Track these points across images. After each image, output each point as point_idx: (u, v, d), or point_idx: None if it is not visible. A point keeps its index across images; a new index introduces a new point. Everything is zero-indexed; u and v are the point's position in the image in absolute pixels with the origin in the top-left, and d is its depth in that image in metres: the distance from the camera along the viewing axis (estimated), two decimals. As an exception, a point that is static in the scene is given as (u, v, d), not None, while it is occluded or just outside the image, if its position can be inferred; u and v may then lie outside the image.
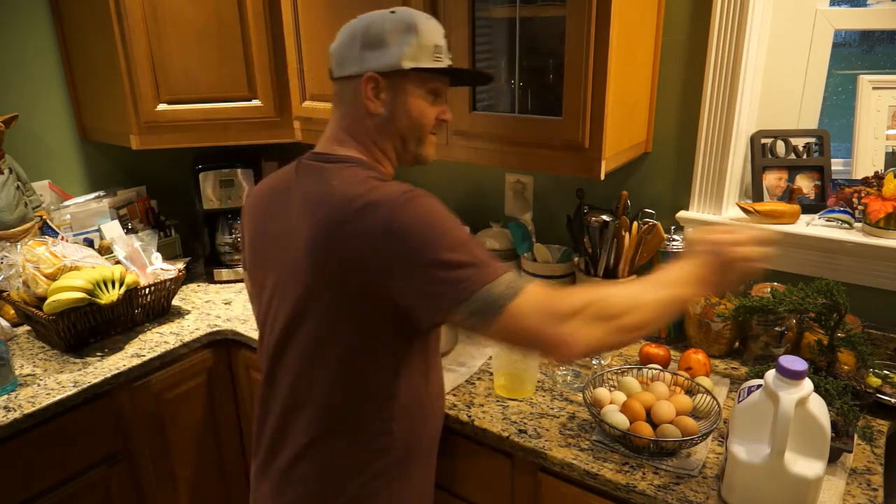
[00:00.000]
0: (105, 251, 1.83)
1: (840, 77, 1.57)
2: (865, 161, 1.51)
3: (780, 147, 1.56)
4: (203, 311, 1.85)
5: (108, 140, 1.97)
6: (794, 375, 0.94)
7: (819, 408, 0.98)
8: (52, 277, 1.55)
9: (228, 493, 1.89)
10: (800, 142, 1.56)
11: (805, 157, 1.55)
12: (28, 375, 1.49)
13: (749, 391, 1.03)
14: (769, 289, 1.31)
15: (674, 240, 1.54)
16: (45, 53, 1.93)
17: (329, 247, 0.94)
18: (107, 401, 1.51)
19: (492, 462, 1.28)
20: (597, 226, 1.51)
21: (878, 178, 1.42)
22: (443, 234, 0.91)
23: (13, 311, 1.70)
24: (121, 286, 1.59)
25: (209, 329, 1.73)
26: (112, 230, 1.91)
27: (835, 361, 1.26)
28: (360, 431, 1.02)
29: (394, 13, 1.02)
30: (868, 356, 1.21)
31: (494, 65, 1.46)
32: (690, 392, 1.28)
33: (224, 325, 1.75)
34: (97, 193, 2.04)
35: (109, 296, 1.55)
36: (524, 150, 1.40)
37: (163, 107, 1.79)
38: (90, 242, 1.90)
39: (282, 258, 1.03)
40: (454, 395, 1.36)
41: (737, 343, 1.51)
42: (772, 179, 1.57)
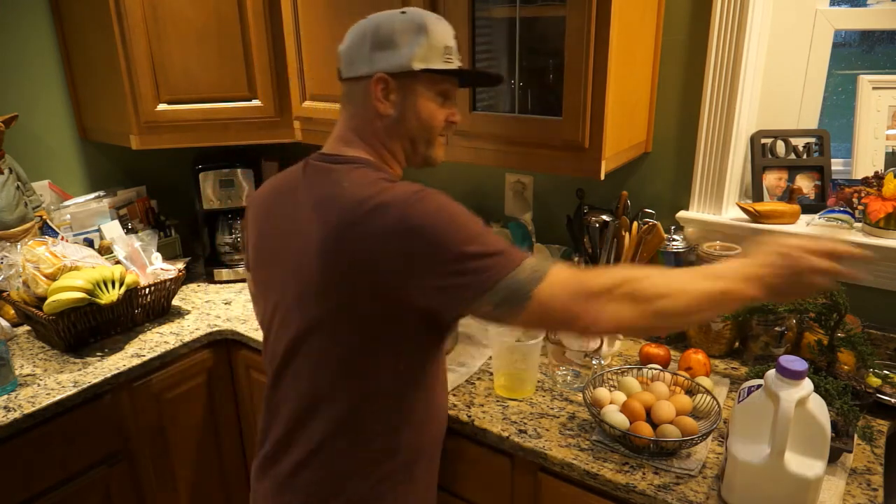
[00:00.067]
0: (105, 251, 1.83)
1: (840, 77, 1.57)
2: (865, 161, 1.51)
3: (780, 147, 1.56)
4: (203, 311, 1.85)
5: (108, 140, 1.97)
6: (794, 375, 0.94)
7: (819, 408, 0.98)
8: (52, 277, 1.55)
9: (228, 493, 1.89)
10: (800, 142, 1.56)
11: (805, 157, 1.55)
12: (28, 375, 1.49)
13: (749, 391, 1.03)
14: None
15: (674, 240, 1.54)
16: (45, 53, 1.93)
17: (340, 249, 0.93)
18: (107, 401, 1.51)
19: (492, 462, 1.28)
20: (597, 226, 1.51)
21: (878, 178, 1.42)
22: (460, 228, 0.90)
23: (13, 311, 1.70)
24: (121, 286, 1.59)
25: (209, 329, 1.73)
26: (112, 230, 1.91)
27: (835, 361, 1.26)
28: (369, 435, 1.01)
29: (404, 13, 1.01)
30: (868, 356, 1.21)
31: (494, 65, 1.46)
32: (690, 392, 1.28)
33: (224, 325, 1.75)
34: (97, 193, 2.04)
35: (109, 296, 1.55)
36: (524, 150, 1.40)
37: (163, 107, 1.79)
38: (90, 242, 1.90)
39: (289, 260, 1.02)
40: (454, 395, 1.36)
41: (737, 343, 1.51)
42: (772, 179, 1.57)
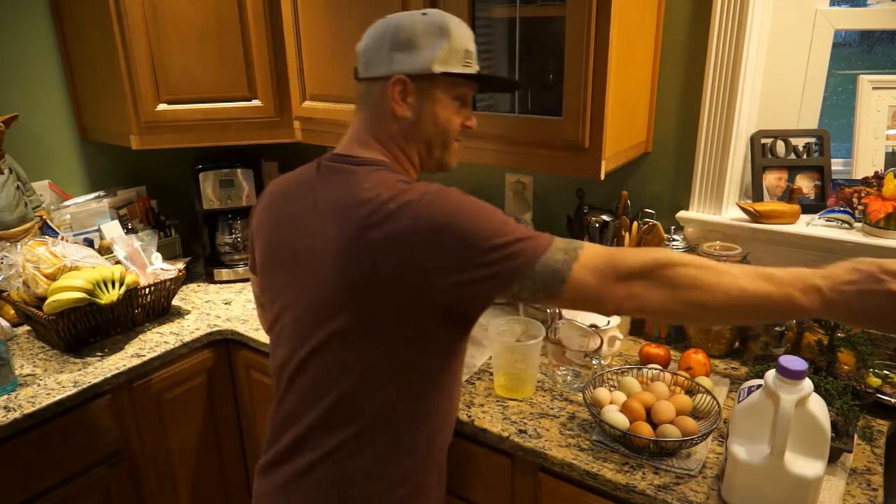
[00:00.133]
0: (105, 251, 1.83)
1: (840, 77, 1.57)
2: (865, 161, 1.51)
3: (780, 147, 1.56)
4: (203, 311, 1.85)
5: (108, 140, 1.97)
6: (794, 375, 0.94)
7: (819, 408, 0.98)
8: (52, 277, 1.55)
9: (228, 493, 1.89)
10: (800, 142, 1.56)
11: (805, 157, 1.56)
12: (28, 375, 1.49)
13: (749, 391, 1.03)
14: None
15: (674, 240, 1.54)
16: (45, 53, 1.93)
17: (362, 250, 0.91)
18: (107, 401, 1.50)
19: (492, 462, 1.28)
20: (597, 226, 1.52)
21: (878, 178, 1.42)
22: (485, 221, 0.89)
23: (13, 311, 1.70)
24: (121, 286, 1.59)
25: (209, 329, 1.73)
26: (112, 230, 1.91)
27: (835, 361, 1.26)
28: (386, 438, 0.99)
29: (425, 15, 1.00)
30: (868, 356, 1.21)
31: (494, 65, 1.46)
32: (690, 392, 1.28)
33: (224, 325, 1.75)
34: (97, 193, 2.04)
35: (109, 296, 1.55)
36: (524, 150, 1.40)
37: (163, 107, 1.79)
38: (90, 242, 1.90)
39: (304, 263, 0.99)
40: (454, 395, 1.36)
41: (737, 343, 1.51)
42: (772, 179, 1.57)
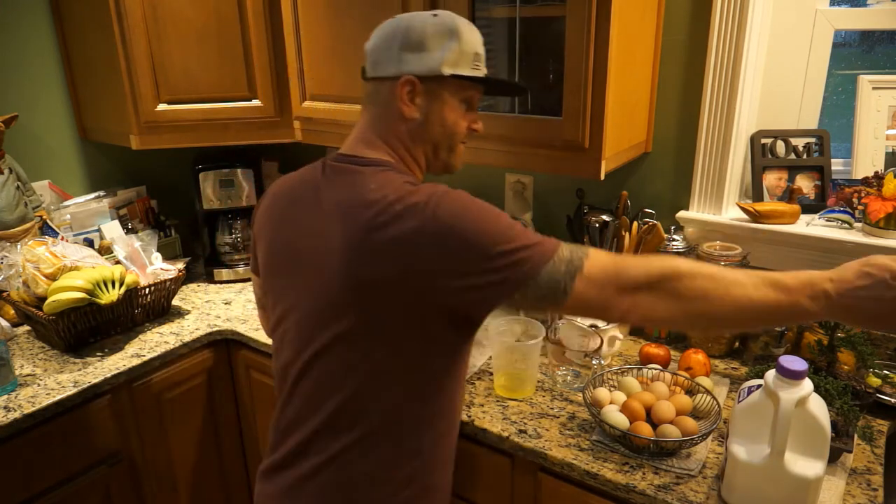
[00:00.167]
0: (105, 251, 1.83)
1: (840, 77, 1.57)
2: (865, 161, 1.51)
3: (780, 147, 1.56)
4: (203, 311, 1.85)
5: (108, 140, 1.97)
6: (794, 375, 0.94)
7: (819, 408, 0.98)
8: (52, 277, 1.55)
9: (228, 493, 1.89)
10: (800, 142, 1.56)
11: (805, 157, 1.56)
12: (28, 375, 1.49)
13: (749, 391, 1.03)
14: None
15: (674, 240, 1.54)
16: (45, 53, 1.93)
17: (368, 251, 0.90)
18: (107, 401, 1.50)
19: (492, 462, 1.28)
20: (597, 226, 1.52)
21: (878, 178, 1.42)
22: (492, 225, 0.89)
23: (13, 311, 1.70)
24: (121, 286, 1.59)
25: (209, 329, 1.73)
26: (112, 230, 1.91)
27: (835, 361, 1.26)
28: (392, 441, 0.98)
29: (436, 16, 1.00)
30: (868, 356, 1.21)
31: (494, 65, 1.46)
32: (690, 392, 1.28)
33: (224, 325, 1.75)
34: (97, 193, 2.04)
35: (109, 296, 1.55)
36: (524, 150, 1.40)
37: (163, 107, 1.79)
38: (90, 242, 1.90)
39: (308, 264, 0.99)
40: (454, 395, 1.36)
41: (737, 343, 1.51)
42: (772, 179, 1.57)
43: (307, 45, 1.71)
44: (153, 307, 1.77)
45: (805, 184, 1.56)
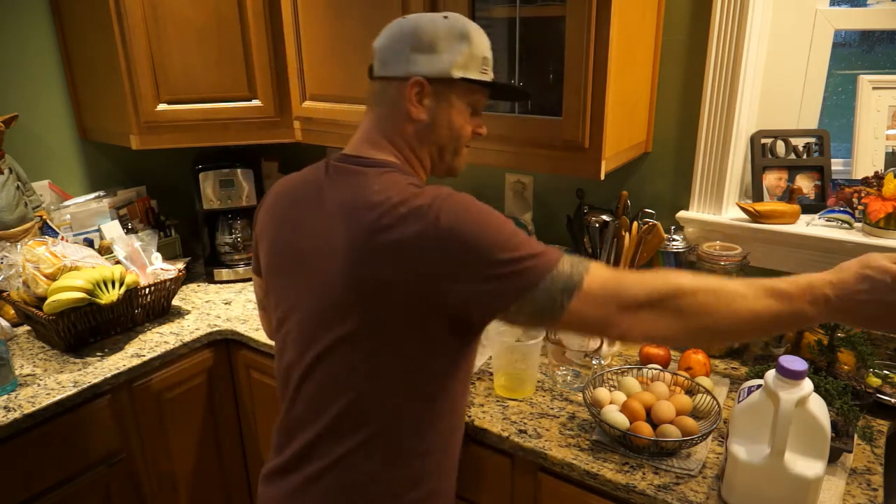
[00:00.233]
0: (105, 251, 1.83)
1: (840, 77, 1.57)
2: (865, 161, 1.51)
3: (780, 147, 1.56)
4: (203, 311, 1.85)
5: (108, 140, 1.97)
6: (794, 375, 0.94)
7: (819, 408, 0.98)
8: (52, 277, 1.55)
9: (228, 493, 1.89)
10: (800, 142, 1.56)
11: (805, 157, 1.56)
12: (28, 375, 1.49)
13: (749, 391, 1.03)
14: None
15: (674, 240, 1.54)
16: (45, 53, 1.93)
17: (370, 253, 0.90)
18: (107, 401, 1.50)
19: (492, 462, 1.28)
20: (597, 226, 1.52)
21: (878, 178, 1.42)
22: (495, 231, 0.88)
23: (13, 311, 1.70)
24: (121, 286, 1.59)
25: (209, 329, 1.73)
26: (112, 230, 1.91)
27: (835, 361, 1.26)
28: (397, 444, 0.98)
29: (447, 18, 0.99)
30: (868, 356, 1.21)
31: (495, 65, 1.45)
32: (690, 392, 1.28)
33: (224, 325, 1.75)
34: (97, 193, 2.04)
35: (109, 296, 1.55)
36: (524, 150, 1.40)
37: (163, 107, 1.79)
38: (90, 242, 1.90)
39: (311, 266, 0.98)
40: (454, 395, 1.36)
41: (737, 343, 1.51)
42: (772, 179, 1.57)
43: (307, 45, 1.71)
44: (153, 307, 1.77)
45: (805, 184, 1.56)
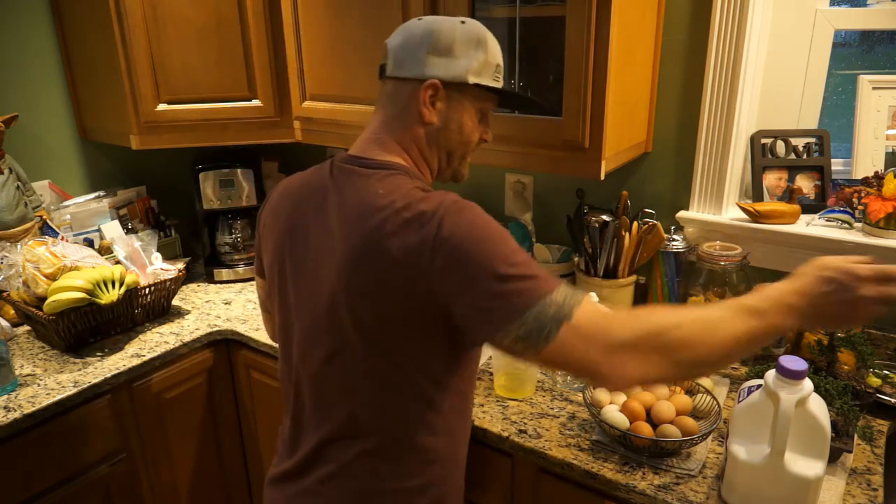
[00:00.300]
0: (105, 251, 1.83)
1: (840, 77, 1.57)
2: (865, 161, 1.51)
3: (780, 147, 1.56)
4: (203, 311, 1.85)
5: (108, 140, 1.97)
6: (794, 375, 0.94)
7: (819, 408, 0.98)
8: (52, 277, 1.55)
9: (228, 493, 1.89)
10: (800, 142, 1.56)
11: (805, 157, 1.56)
12: (28, 375, 1.49)
13: (749, 391, 1.03)
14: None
15: (674, 240, 1.54)
16: (45, 53, 1.93)
17: (373, 257, 0.89)
18: (107, 401, 1.51)
19: (492, 462, 1.28)
20: (597, 226, 1.51)
21: (878, 178, 1.42)
22: (497, 245, 0.86)
23: (13, 311, 1.70)
24: (121, 286, 1.59)
25: (209, 329, 1.73)
26: (112, 230, 1.91)
27: (835, 361, 1.26)
28: (403, 449, 0.97)
29: (464, 23, 0.99)
30: (868, 356, 1.21)
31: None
32: (690, 392, 1.28)
33: (224, 325, 1.75)
34: (97, 193, 2.04)
35: (109, 296, 1.55)
36: (524, 150, 1.40)
37: (163, 107, 1.79)
38: (90, 242, 1.90)
39: (315, 268, 0.97)
40: (454, 395, 1.36)
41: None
42: (772, 179, 1.57)
43: (307, 45, 1.71)
44: (153, 307, 1.77)
45: (805, 184, 1.56)
